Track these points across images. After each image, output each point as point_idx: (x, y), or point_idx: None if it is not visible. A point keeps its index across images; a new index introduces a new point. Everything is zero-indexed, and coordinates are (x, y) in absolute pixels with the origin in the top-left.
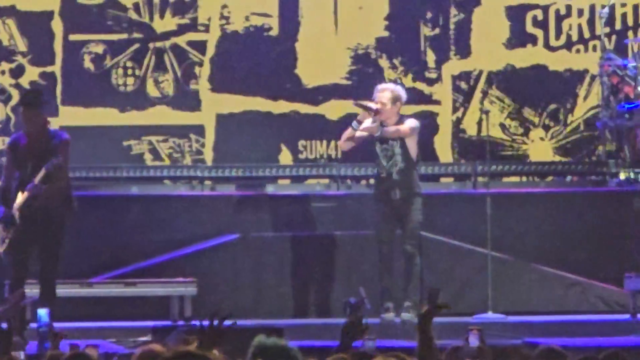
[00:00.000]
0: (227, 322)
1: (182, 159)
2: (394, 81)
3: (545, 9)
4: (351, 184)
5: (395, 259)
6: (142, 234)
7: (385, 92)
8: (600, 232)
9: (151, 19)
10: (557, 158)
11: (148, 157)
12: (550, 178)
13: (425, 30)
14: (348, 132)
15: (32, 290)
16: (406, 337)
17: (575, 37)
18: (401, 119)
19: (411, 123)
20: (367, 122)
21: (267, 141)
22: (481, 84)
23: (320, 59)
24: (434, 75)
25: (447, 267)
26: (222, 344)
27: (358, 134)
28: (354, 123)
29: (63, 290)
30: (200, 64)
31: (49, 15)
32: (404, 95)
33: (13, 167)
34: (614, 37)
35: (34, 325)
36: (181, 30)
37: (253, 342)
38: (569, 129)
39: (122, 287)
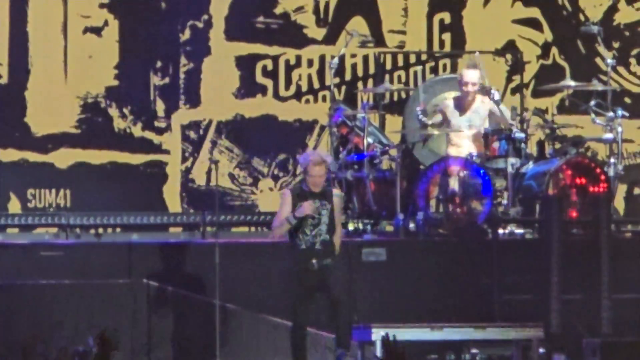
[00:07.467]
0: None
1: None
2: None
3: (275, 59)
4: (80, 233)
5: None
6: None
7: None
8: None
9: None
10: None
11: None
12: None
13: (155, 79)
14: (285, 225)
15: None
16: None
17: (305, 88)
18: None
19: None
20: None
21: None
22: (210, 134)
23: (50, 108)
24: (163, 125)
25: (174, 317)
26: None
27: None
28: (291, 217)
29: None
30: None
31: None
32: None
33: None
34: (343, 88)
35: None
36: None
37: None
38: (298, 179)
39: None
